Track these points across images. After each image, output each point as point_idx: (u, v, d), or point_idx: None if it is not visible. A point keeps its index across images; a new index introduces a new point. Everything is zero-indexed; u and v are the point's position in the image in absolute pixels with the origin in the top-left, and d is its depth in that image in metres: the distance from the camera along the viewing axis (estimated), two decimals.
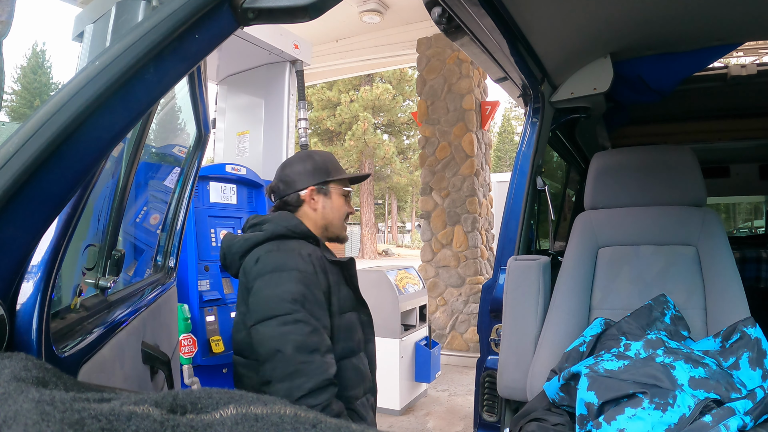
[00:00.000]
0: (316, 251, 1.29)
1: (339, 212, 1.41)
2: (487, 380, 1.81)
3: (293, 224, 1.32)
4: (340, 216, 1.42)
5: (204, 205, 3.00)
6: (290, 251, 1.24)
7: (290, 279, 1.18)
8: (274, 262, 1.22)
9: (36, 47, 36.31)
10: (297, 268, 1.21)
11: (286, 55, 3.63)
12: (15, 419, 0.26)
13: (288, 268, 1.20)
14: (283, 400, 0.34)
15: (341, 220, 1.42)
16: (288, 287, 1.17)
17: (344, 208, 1.43)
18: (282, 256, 1.23)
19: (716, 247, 1.61)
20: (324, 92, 20.27)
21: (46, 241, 0.64)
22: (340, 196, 1.42)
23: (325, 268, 1.28)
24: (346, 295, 1.34)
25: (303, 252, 1.25)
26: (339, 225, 1.42)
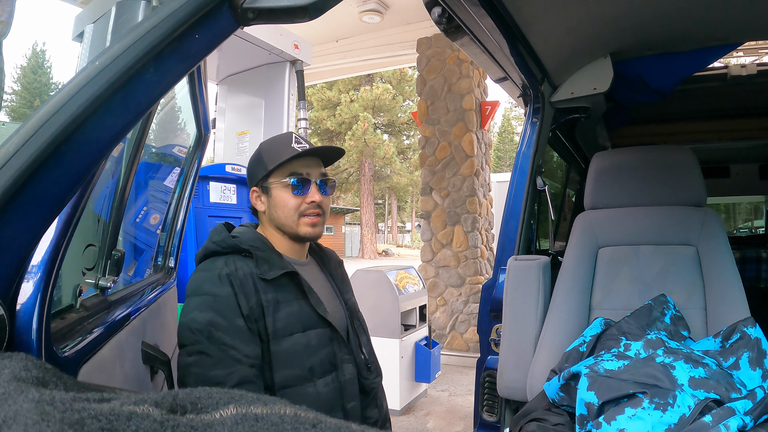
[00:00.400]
0: (243, 267, 1.10)
1: (284, 209, 1.18)
2: (487, 380, 1.81)
3: (220, 238, 1.16)
4: (287, 213, 1.18)
5: (204, 205, 3.00)
6: (210, 271, 1.09)
7: (198, 305, 1.05)
8: (192, 284, 1.09)
9: (36, 47, 36.31)
10: (209, 293, 1.06)
11: (286, 55, 3.63)
12: (15, 419, 0.26)
13: (200, 293, 1.06)
14: (283, 400, 0.34)
15: (291, 217, 1.18)
16: (194, 315, 1.03)
17: (290, 202, 1.17)
18: (200, 277, 1.09)
19: (716, 247, 1.61)
20: (324, 92, 20.27)
21: (46, 241, 0.64)
22: (283, 189, 1.18)
23: (254, 287, 1.09)
24: (294, 314, 1.12)
25: (223, 272, 1.08)
26: (290, 222, 1.18)
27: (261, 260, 1.13)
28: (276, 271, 1.11)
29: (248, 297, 1.07)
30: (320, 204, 1.19)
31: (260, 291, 1.09)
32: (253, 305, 1.07)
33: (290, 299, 1.13)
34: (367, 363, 1.26)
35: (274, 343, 1.08)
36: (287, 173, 1.17)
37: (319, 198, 1.19)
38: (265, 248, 1.16)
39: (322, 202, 1.20)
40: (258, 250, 1.14)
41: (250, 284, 1.09)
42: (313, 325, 1.15)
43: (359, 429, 0.31)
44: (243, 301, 1.06)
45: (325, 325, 1.17)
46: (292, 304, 1.13)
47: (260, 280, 1.10)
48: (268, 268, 1.12)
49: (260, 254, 1.13)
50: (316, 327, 1.16)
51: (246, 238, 1.17)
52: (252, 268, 1.11)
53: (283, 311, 1.11)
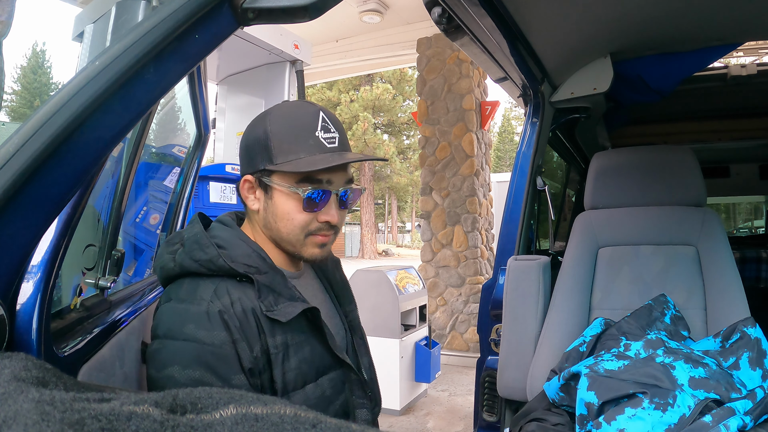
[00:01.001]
0: (242, 299, 0.80)
1: (287, 224, 0.87)
2: (487, 380, 1.81)
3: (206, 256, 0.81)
4: (290, 229, 0.87)
5: (204, 205, 3.00)
6: (193, 303, 0.78)
7: (180, 357, 0.74)
8: (167, 321, 0.78)
9: (36, 47, 36.34)
10: (194, 338, 0.75)
11: (286, 55, 3.63)
12: (15, 419, 0.26)
13: (180, 337, 0.75)
14: (283, 400, 0.34)
15: (296, 236, 0.87)
16: (173, 372, 0.73)
17: (297, 218, 0.86)
18: (178, 312, 0.78)
19: (716, 247, 1.61)
20: (324, 92, 20.27)
21: (46, 241, 0.64)
22: (290, 197, 0.85)
23: (258, 328, 0.80)
24: (306, 359, 0.85)
25: (213, 307, 0.77)
26: (292, 240, 0.88)
27: (264, 289, 0.82)
28: (287, 308, 0.81)
29: (251, 343, 0.78)
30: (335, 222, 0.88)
31: (266, 333, 0.80)
32: (258, 354, 0.79)
33: (301, 340, 0.85)
34: (367, 391, 0.98)
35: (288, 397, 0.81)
36: (301, 176, 0.84)
37: (337, 218, 0.87)
38: (266, 267, 0.85)
39: (338, 221, 0.88)
40: (258, 273, 0.83)
41: (252, 324, 0.79)
42: (325, 369, 0.88)
43: (359, 429, 0.31)
44: (244, 350, 0.77)
45: (338, 365, 0.90)
46: (304, 346, 0.85)
47: (266, 319, 0.80)
48: (274, 301, 0.82)
49: (262, 280, 0.82)
50: (329, 371, 0.88)
51: (238, 252, 0.84)
52: (252, 300, 0.80)
53: (295, 358, 0.83)
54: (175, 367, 0.74)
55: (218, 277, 0.81)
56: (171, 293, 0.82)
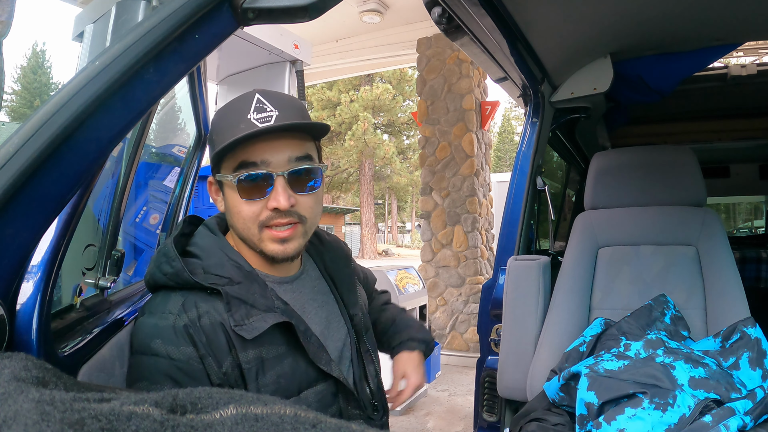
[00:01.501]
0: (210, 313, 0.76)
1: (238, 218, 0.81)
2: (487, 380, 1.81)
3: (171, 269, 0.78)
4: (242, 224, 0.81)
5: (204, 205, 3.00)
6: (161, 317, 0.76)
7: (145, 373, 0.73)
8: (139, 336, 0.76)
9: (36, 47, 36.34)
10: (161, 353, 0.73)
11: (286, 55, 3.63)
12: (15, 419, 0.26)
13: (148, 352, 0.74)
14: (283, 400, 0.34)
15: (250, 230, 0.81)
16: (141, 387, 0.73)
17: (242, 210, 0.80)
18: (147, 326, 0.76)
19: (716, 247, 1.61)
20: (324, 92, 20.27)
21: (46, 241, 0.64)
22: (231, 189, 0.81)
23: (228, 342, 0.76)
24: (286, 374, 0.80)
25: (179, 322, 0.74)
26: (250, 236, 0.82)
27: (234, 302, 0.77)
28: (258, 322, 0.76)
29: (219, 358, 0.75)
30: (292, 210, 0.79)
31: (236, 348, 0.76)
32: (228, 369, 0.75)
33: (279, 353, 0.80)
34: (372, 401, 0.95)
35: None
36: (236, 163, 0.78)
37: (286, 202, 0.78)
38: (240, 276, 0.80)
39: (296, 206, 0.80)
40: (230, 284, 0.78)
41: (221, 339, 0.75)
42: (311, 383, 0.83)
43: (359, 429, 0.31)
44: (212, 366, 0.74)
45: (325, 378, 0.85)
46: (283, 359, 0.80)
47: (236, 334, 0.75)
48: (246, 315, 0.76)
49: (232, 291, 0.77)
50: (315, 384, 0.83)
51: (212, 262, 0.80)
52: (222, 313, 0.76)
53: (271, 373, 0.78)
54: (144, 382, 0.73)
55: (188, 290, 0.78)
56: (145, 307, 0.80)
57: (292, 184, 0.80)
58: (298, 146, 0.81)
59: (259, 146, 0.78)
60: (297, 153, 0.80)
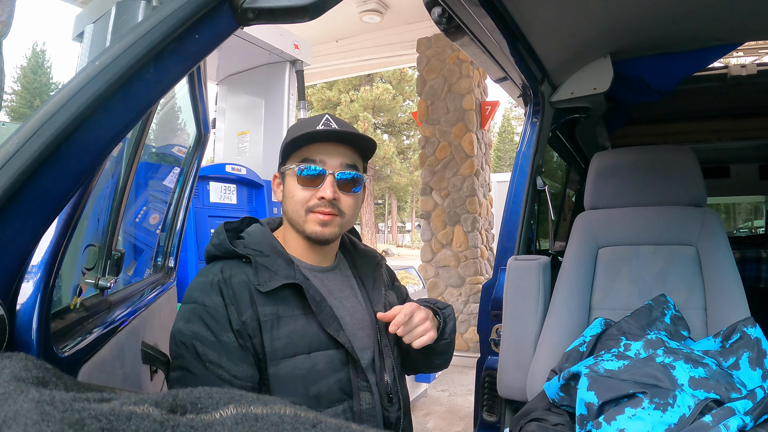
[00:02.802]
0: (239, 275, 0.96)
1: (291, 201, 1.02)
2: (487, 380, 1.81)
3: (218, 240, 1.02)
4: (293, 206, 1.02)
5: (204, 205, 3.00)
6: (205, 276, 0.97)
7: (187, 314, 0.94)
8: (187, 291, 0.98)
9: (36, 47, 36.34)
10: (198, 301, 0.94)
11: (286, 55, 3.63)
12: (15, 419, 0.26)
13: (190, 300, 0.95)
14: (283, 400, 0.34)
15: (298, 212, 1.01)
16: (180, 325, 0.93)
17: (297, 194, 1.01)
18: (195, 283, 0.98)
19: (716, 247, 1.61)
20: (324, 92, 20.27)
21: (46, 241, 0.64)
22: (293, 177, 1.02)
23: (250, 298, 0.95)
24: (297, 332, 0.96)
25: (215, 278, 0.95)
26: (297, 218, 1.02)
27: (261, 268, 0.97)
28: (275, 281, 0.95)
29: (241, 309, 0.93)
30: (334, 202, 1.00)
31: (257, 303, 0.94)
32: (247, 319, 0.92)
33: (294, 314, 0.97)
34: (388, 392, 1.05)
35: (272, 365, 0.93)
36: (300, 158, 1.01)
37: (331, 194, 0.98)
38: (271, 252, 1.00)
39: (337, 201, 1.01)
40: (260, 255, 0.99)
41: (245, 295, 0.94)
42: (321, 347, 0.98)
43: (359, 429, 0.31)
44: (234, 314, 0.92)
45: (336, 346, 0.98)
46: (297, 320, 0.96)
47: (257, 291, 0.95)
48: (268, 278, 0.96)
49: (261, 260, 0.98)
50: (326, 348, 0.98)
51: (252, 240, 1.03)
52: (250, 276, 0.96)
53: (285, 328, 0.95)
54: (182, 321, 0.93)
55: (230, 260, 0.99)
56: (199, 271, 1.02)
57: (339, 183, 1.01)
58: (350, 156, 1.03)
59: (320, 149, 1.00)
60: (348, 161, 1.02)
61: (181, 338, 0.91)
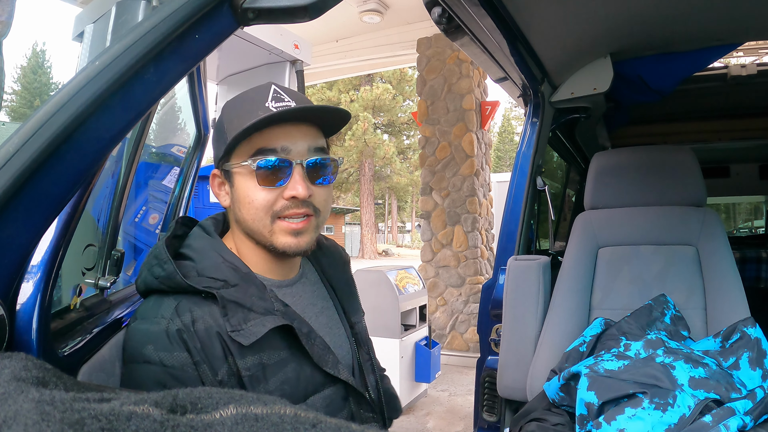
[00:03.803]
0: (204, 318, 0.71)
1: (249, 207, 0.77)
2: (487, 380, 1.81)
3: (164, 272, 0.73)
4: (253, 213, 0.77)
5: (204, 205, 3.00)
6: (154, 323, 0.71)
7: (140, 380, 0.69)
8: (130, 343, 0.72)
9: (36, 47, 36.36)
10: (151, 360, 0.69)
11: (286, 55, 3.63)
12: (15, 419, 0.26)
13: (140, 359, 0.70)
14: (283, 400, 0.34)
15: (261, 220, 0.77)
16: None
17: (257, 197, 0.76)
18: (140, 332, 0.71)
19: (716, 247, 1.61)
20: (324, 92, 20.26)
21: (46, 241, 0.64)
22: (247, 176, 0.77)
23: (224, 349, 0.71)
24: (290, 380, 0.75)
25: (172, 326, 0.70)
26: (260, 228, 0.77)
27: (231, 307, 0.72)
28: (255, 326, 0.72)
29: (214, 365, 0.70)
30: (308, 200, 0.76)
31: (234, 355, 0.71)
32: (224, 377, 0.70)
33: (282, 358, 0.75)
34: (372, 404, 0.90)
35: None
36: (253, 150, 0.75)
37: (305, 191, 0.75)
38: (237, 279, 0.75)
39: (311, 197, 0.77)
40: (226, 286, 0.73)
41: (216, 345, 0.71)
42: (317, 388, 0.78)
43: (359, 429, 0.31)
44: (206, 373, 0.69)
45: (333, 382, 0.80)
46: (286, 364, 0.75)
47: (233, 340, 0.71)
48: (243, 319, 0.72)
49: (229, 295, 0.73)
50: (323, 389, 0.79)
51: (207, 263, 0.75)
52: (217, 318, 0.71)
53: (274, 379, 0.74)
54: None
55: (182, 294, 0.73)
56: (137, 312, 0.76)
57: (310, 174, 0.77)
58: (316, 137, 0.79)
59: (279, 133, 0.75)
60: (315, 144, 0.78)
61: None
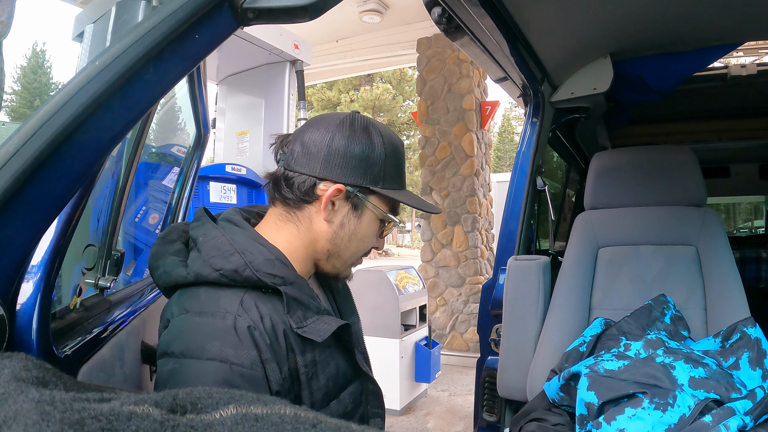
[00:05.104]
0: (271, 314, 0.71)
1: (360, 244, 0.84)
2: (487, 380, 1.81)
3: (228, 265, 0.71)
4: (359, 249, 0.84)
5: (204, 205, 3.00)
6: (218, 317, 0.68)
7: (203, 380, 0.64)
8: (186, 337, 0.67)
9: (36, 47, 36.35)
10: (219, 358, 0.65)
11: (286, 55, 3.63)
12: (15, 419, 0.26)
13: (204, 356, 0.66)
14: (283, 400, 0.34)
15: (357, 256, 0.86)
16: None
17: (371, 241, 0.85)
18: (200, 326, 0.68)
19: (716, 247, 1.61)
20: (324, 92, 20.26)
21: (46, 241, 0.64)
22: (374, 222, 0.84)
23: (287, 345, 0.72)
24: (332, 376, 0.78)
25: (242, 322, 0.68)
26: (352, 260, 0.86)
27: (292, 303, 0.73)
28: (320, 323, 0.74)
29: (280, 363, 0.70)
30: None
31: (296, 351, 0.72)
32: (286, 375, 0.71)
33: (326, 356, 0.78)
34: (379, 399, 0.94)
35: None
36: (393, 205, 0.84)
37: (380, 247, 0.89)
38: (291, 277, 0.75)
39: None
40: (285, 283, 0.73)
41: (282, 343, 0.71)
42: (346, 383, 0.82)
43: (359, 429, 0.31)
44: (274, 371, 0.69)
45: (357, 377, 0.85)
46: (329, 362, 0.78)
47: (296, 336, 0.72)
48: (303, 316, 0.73)
49: (291, 292, 0.73)
50: (349, 384, 0.83)
51: (258, 260, 0.73)
52: (281, 315, 0.72)
53: (323, 375, 0.76)
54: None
55: (240, 288, 0.71)
56: (186, 304, 0.71)
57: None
58: None
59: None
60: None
61: None
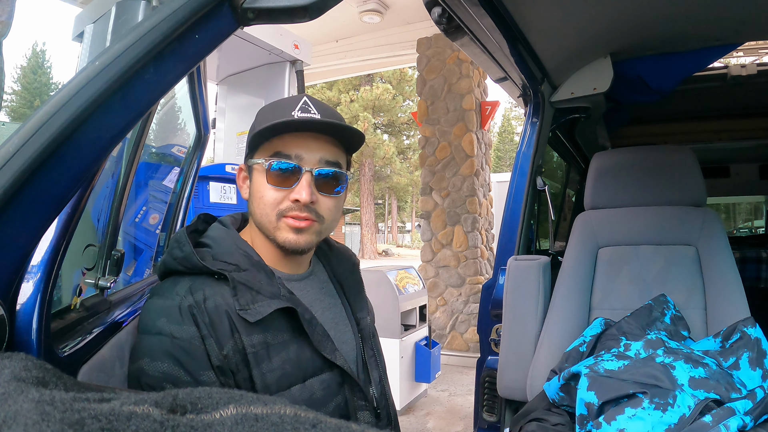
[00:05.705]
0: (215, 297, 0.78)
1: (260, 203, 0.84)
2: (487, 380, 1.81)
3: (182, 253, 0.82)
4: (262, 209, 0.84)
5: (204, 205, 3.00)
6: (168, 298, 0.78)
7: (149, 351, 0.75)
8: (144, 316, 0.79)
9: (36, 47, 36.35)
10: (164, 332, 0.75)
11: (286, 55, 3.63)
12: (15, 419, 0.26)
13: (153, 330, 0.76)
14: (283, 400, 0.34)
15: (268, 216, 0.84)
16: (143, 364, 0.74)
17: (266, 195, 0.83)
18: (154, 307, 0.79)
19: (716, 247, 1.61)
20: (324, 92, 20.26)
21: (46, 241, 0.64)
22: (262, 173, 0.84)
23: (231, 326, 0.77)
24: (291, 360, 0.81)
25: (185, 302, 0.77)
26: (266, 222, 0.84)
27: (240, 287, 0.79)
28: (262, 306, 0.79)
29: (221, 340, 0.76)
30: (311, 206, 0.83)
31: (240, 332, 0.77)
32: (229, 353, 0.76)
33: (284, 339, 0.81)
34: (376, 408, 0.93)
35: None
36: (271, 152, 0.83)
37: (308, 197, 0.81)
38: (248, 264, 0.82)
39: (315, 204, 0.84)
40: (236, 270, 0.81)
41: (224, 322, 0.77)
42: (316, 371, 0.84)
43: (359, 429, 0.31)
44: (213, 347, 0.75)
45: (330, 367, 0.86)
46: (288, 345, 0.81)
47: (240, 318, 0.78)
48: (251, 299, 0.79)
49: (239, 277, 0.80)
50: (320, 372, 0.84)
51: (222, 249, 0.83)
52: (228, 298, 0.78)
53: (277, 358, 0.79)
54: (145, 359, 0.75)
55: (197, 276, 0.81)
56: (154, 289, 0.84)
57: (318, 183, 0.84)
58: (331, 151, 0.86)
59: (296, 141, 0.83)
60: (328, 156, 0.85)
61: (147, 381, 0.73)
